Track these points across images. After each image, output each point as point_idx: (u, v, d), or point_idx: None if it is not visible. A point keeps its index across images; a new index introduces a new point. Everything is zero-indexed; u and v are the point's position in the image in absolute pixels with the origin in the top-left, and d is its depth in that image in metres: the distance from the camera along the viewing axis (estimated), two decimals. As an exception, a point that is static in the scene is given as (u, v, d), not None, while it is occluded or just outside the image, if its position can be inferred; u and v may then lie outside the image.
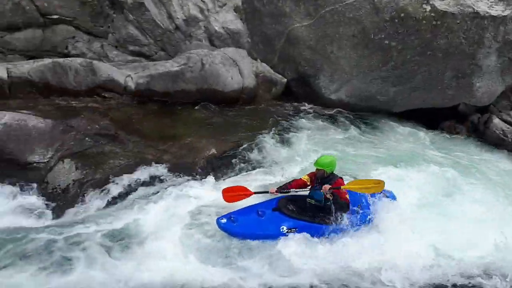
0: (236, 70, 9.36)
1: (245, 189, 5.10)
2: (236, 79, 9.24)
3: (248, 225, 4.68)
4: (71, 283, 3.98)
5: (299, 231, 4.69)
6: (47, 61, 8.03)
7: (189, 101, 8.61)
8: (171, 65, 8.73)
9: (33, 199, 5.45)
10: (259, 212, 4.87)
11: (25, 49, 10.23)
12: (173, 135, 7.09)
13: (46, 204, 5.42)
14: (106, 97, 8.02)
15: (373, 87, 9.84)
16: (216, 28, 10.29)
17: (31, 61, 8.31)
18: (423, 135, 9.59)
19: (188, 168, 6.24)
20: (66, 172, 5.72)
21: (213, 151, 6.73)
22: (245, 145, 7.10)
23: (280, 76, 10.34)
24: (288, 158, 7.09)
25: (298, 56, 10.13)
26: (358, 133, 9.04)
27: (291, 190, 5.00)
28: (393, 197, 5.63)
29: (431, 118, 10.31)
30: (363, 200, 5.34)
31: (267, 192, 5.06)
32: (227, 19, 10.44)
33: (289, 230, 4.68)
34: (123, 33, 10.02)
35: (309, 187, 5.06)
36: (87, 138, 6.34)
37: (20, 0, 9.68)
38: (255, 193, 5.11)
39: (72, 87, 7.98)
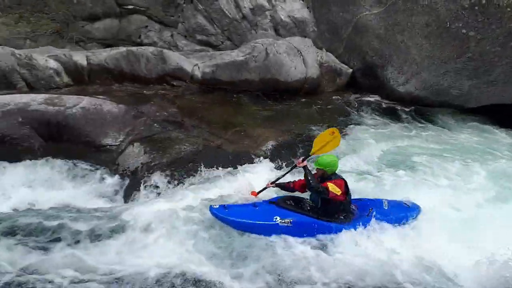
0: (300, 59, 9.28)
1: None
2: (300, 69, 9.16)
3: (241, 213, 4.54)
4: (141, 261, 4.09)
5: (294, 223, 4.45)
6: (122, 49, 8.56)
7: (252, 91, 8.72)
8: (237, 55, 8.88)
9: (105, 180, 5.87)
10: (255, 205, 4.74)
11: (103, 38, 10.95)
12: (235, 123, 7.24)
13: (116, 185, 5.82)
14: (174, 85, 8.38)
15: (446, 80, 9.21)
16: (282, 17, 10.25)
17: (108, 49, 8.91)
18: (498, 133, 8.82)
19: (248, 156, 6.34)
20: (135, 155, 6.09)
21: (273, 141, 6.77)
22: (304, 136, 7.05)
23: (346, 66, 10.09)
24: (345, 153, 6.86)
25: (365, 46, 9.80)
26: (423, 128, 8.52)
27: (294, 190, 4.91)
28: (413, 210, 5.11)
29: (508, 115, 9.41)
30: (376, 207, 4.97)
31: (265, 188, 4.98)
32: (293, 8, 10.35)
33: (283, 221, 4.43)
34: (192, 22, 10.33)
35: None
36: (155, 124, 6.68)
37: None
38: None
39: (143, 74, 8.45)
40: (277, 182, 4.97)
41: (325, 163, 4.62)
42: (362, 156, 6.83)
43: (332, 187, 4.41)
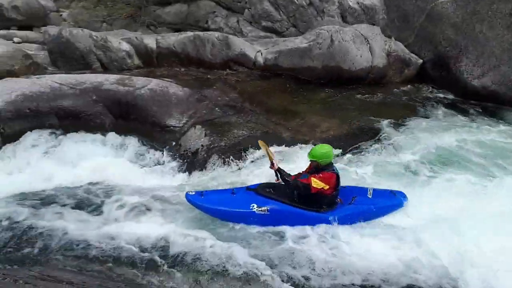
0: (367, 48, 8.96)
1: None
2: (366, 57, 8.85)
3: (217, 201, 4.45)
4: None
5: (271, 211, 4.31)
6: (189, 34, 8.83)
7: (314, 79, 8.60)
8: (300, 41, 8.78)
9: (168, 159, 6.17)
10: (234, 191, 4.63)
11: (172, 22, 11.39)
12: (294, 111, 7.21)
13: (177, 164, 6.10)
14: (236, 71, 8.50)
15: (529, 75, 8.42)
16: (351, 3, 9.93)
17: (176, 33, 9.23)
18: None
19: (304, 144, 6.29)
20: (196, 137, 6.31)
21: (332, 130, 6.66)
22: (365, 128, 6.82)
23: (415, 56, 9.56)
24: (402, 146, 6.47)
25: (438, 35, 9.21)
26: (493, 128, 7.39)
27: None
28: (399, 199, 4.86)
29: None
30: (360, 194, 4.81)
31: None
32: (363, -6, 9.98)
33: (260, 209, 4.29)
34: (259, 8, 10.36)
35: None
36: (216, 108, 6.86)
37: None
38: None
39: (208, 59, 8.66)
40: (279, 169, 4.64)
41: (318, 154, 4.40)
42: (418, 152, 6.34)
43: (315, 182, 4.23)
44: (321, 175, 4.29)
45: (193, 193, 4.53)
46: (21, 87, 6.53)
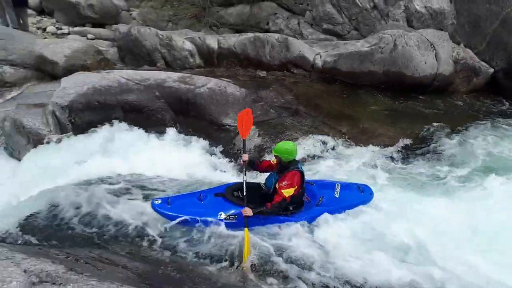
0: (432, 54, 8.56)
1: (248, 130, 4.89)
2: (430, 64, 8.46)
3: (183, 209, 4.27)
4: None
5: (239, 219, 4.16)
6: (249, 35, 8.97)
7: (372, 83, 8.37)
8: (362, 45, 8.59)
9: (221, 156, 6.36)
10: (201, 196, 4.48)
11: (234, 23, 11.62)
12: (350, 115, 7.08)
13: (230, 162, 6.25)
14: (294, 73, 8.51)
15: None
16: (418, 7, 9.54)
17: (237, 34, 9.41)
18: None
19: (358, 150, 6.16)
20: (250, 137, 6.41)
21: (388, 138, 6.47)
22: (424, 138, 6.53)
23: (486, 65, 8.99)
24: (463, 163, 6.10)
25: (514, 43, 8.59)
26: None
27: (259, 170, 4.82)
28: (365, 196, 4.84)
29: None
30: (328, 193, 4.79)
31: (244, 152, 4.65)
32: (432, -2, 9.55)
33: (227, 217, 4.19)
34: (320, 11, 10.28)
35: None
36: (272, 110, 6.92)
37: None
38: (244, 140, 4.78)
39: (266, 60, 8.75)
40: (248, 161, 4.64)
41: (281, 150, 4.39)
42: (471, 165, 6.00)
43: (287, 192, 4.23)
44: (286, 181, 4.28)
45: (159, 201, 4.35)
46: (92, 81, 7.02)
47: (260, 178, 5.10)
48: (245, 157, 4.58)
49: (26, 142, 6.41)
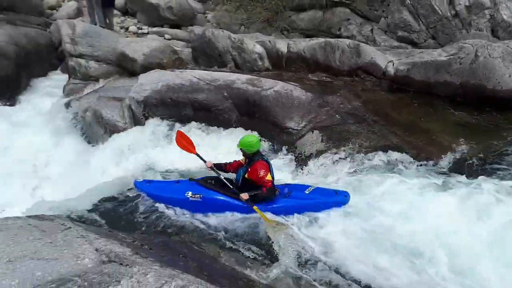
0: (519, 67, 7.87)
1: (192, 144, 5.15)
2: (516, 78, 7.79)
3: (159, 188, 4.88)
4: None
5: (203, 198, 4.65)
6: (320, 40, 8.91)
7: (447, 95, 7.88)
8: (439, 54, 8.14)
9: (282, 158, 6.40)
10: (178, 182, 4.99)
11: (305, 28, 11.61)
12: (421, 127, 6.72)
13: (290, 164, 6.26)
14: (363, 79, 8.29)
15: None
16: (505, 16, 8.87)
17: (307, 39, 9.39)
18: None
19: (428, 165, 5.83)
20: (313, 142, 6.37)
21: (461, 153, 6.00)
22: (503, 157, 5.97)
23: None
24: None
25: None
26: None
27: (228, 171, 5.05)
28: (339, 199, 4.92)
29: None
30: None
31: (204, 161, 4.99)
32: (523, 6, 8.83)
33: (193, 196, 4.65)
34: (396, 17, 9.93)
35: None
36: (337, 115, 6.80)
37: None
38: (196, 154, 5.09)
39: (336, 66, 8.62)
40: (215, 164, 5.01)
41: (245, 143, 4.73)
42: None
43: (268, 178, 4.58)
44: (259, 169, 4.60)
45: (141, 180, 5.06)
46: (166, 78, 7.43)
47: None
48: (209, 164, 4.94)
49: (103, 131, 6.95)
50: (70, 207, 4.67)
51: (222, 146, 6.55)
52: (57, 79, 9.86)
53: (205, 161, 4.99)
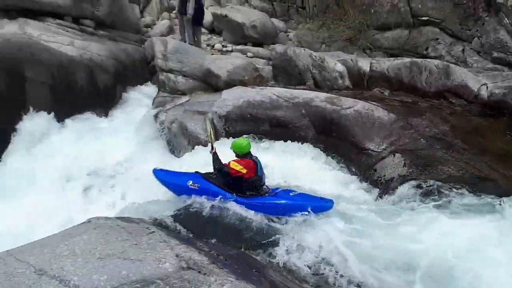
0: None
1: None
2: None
3: (169, 177, 5.66)
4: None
5: (200, 188, 5.31)
6: (406, 60, 8.60)
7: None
8: (541, 78, 7.40)
9: (357, 179, 6.26)
10: (187, 174, 5.64)
11: (389, 47, 11.28)
12: (520, 158, 6.10)
13: (368, 187, 6.07)
14: (451, 102, 7.79)
15: None
16: None
17: (392, 58, 9.12)
18: None
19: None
20: (394, 166, 6.09)
21: None
22: None
23: None
24: None
25: None
26: None
27: None
28: (324, 202, 5.21)
29: None
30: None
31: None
32: None
33: (192, 184, 5.35)
34: (491, 38, 9.23)
35: None
36: (422, 139, 6.43)
37: (398, 2, 10.61)
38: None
39: (421, 87, 8.23)
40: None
41: (236, 146, 5.36)
42: None
43: (234, 164, 5.13)
44: (240, 160, 5.21)
45: (159, 169, 5.81)
46: (247, 95, 7.67)
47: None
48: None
49: (187, 143, 7.34)
50: (153, 212, 4.97)
51: (298, 161, 6.57)
52: (148, 91, 10.64)
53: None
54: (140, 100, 10.20)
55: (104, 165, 7.29)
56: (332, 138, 6.97)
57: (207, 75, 9.45)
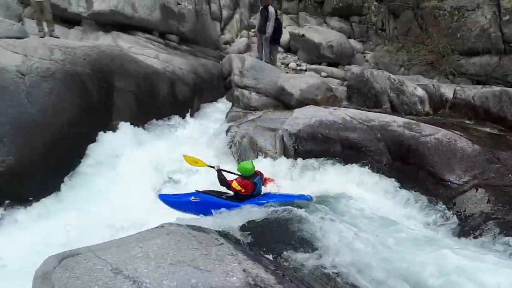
0: None
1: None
2: None
3: (174, 197, 6.09)
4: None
5: (201, 201, 5.82)
6: (495, 88, 8.02)
7: None
8: None
9: (434, 212, 5.82)
10: (193, 193, 6.01)
11: (475, 74, 10.59)
12: None
13: (446, 222, 5.62)
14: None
15: None
16: None
17: (479, 86, 8.56)
18: None
19: None
20: (476, 201, 5.62)
21: None
22: None
23: None
24: None
25: None
26: None
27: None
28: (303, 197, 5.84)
29: None
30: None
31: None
32: None
33: (194, 198, 5.83)
34: None
35: None
36: (510, 175, 5.88)
37: (488, 27, 9.96)
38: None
39: (511, 117, 7.58)
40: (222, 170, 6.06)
41: (242, 168, 5.83)
42: None
43: (235, 184, 5.73)
44: (242, 181, 5.75)
45: (163, 194, 6.36)
46: (320, 114, 7.60)
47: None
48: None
49: (255, 157, 7.41)
50: (219, 223, 5.03)
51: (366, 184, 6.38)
52: (222, 105, 11.00)
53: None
54: (214, 113, 10.57)
55: (180, 175, 7.66)
56: (408, 165, 6.62)
57: (280, 92, 9.55)
